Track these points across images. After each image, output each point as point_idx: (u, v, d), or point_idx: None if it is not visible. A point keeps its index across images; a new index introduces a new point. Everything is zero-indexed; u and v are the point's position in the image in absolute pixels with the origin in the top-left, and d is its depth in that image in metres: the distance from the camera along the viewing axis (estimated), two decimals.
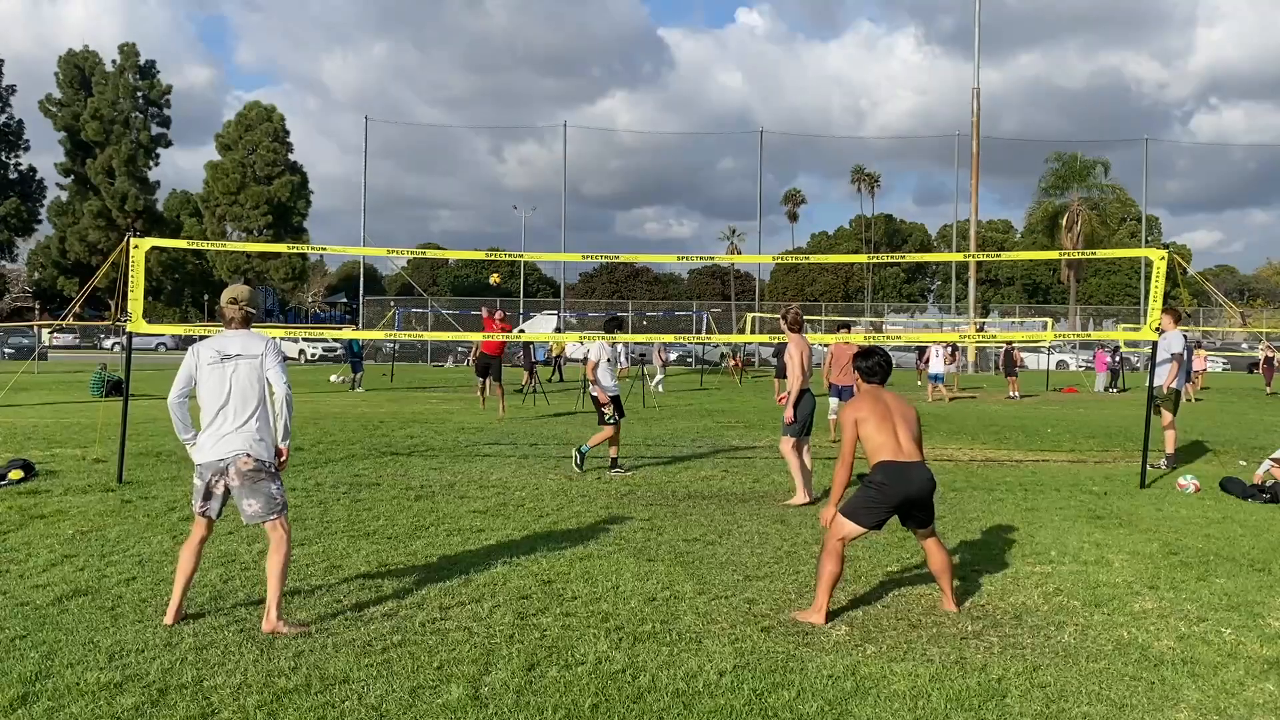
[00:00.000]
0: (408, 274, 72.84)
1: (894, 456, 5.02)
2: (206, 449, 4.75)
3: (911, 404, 5.33)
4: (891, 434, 5.06)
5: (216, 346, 4.80)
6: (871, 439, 5.06)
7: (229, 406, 4.73)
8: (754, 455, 11.92)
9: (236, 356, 4.77)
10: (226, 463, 4.71)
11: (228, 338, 4.86)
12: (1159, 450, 11.16)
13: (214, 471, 4.74)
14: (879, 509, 5.03)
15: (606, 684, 4.10)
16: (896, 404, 5.22)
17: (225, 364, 4.76)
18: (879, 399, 5.21)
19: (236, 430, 4.72)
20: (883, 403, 5.18)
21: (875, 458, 5.06)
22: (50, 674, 4.10)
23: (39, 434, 12.86)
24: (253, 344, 4.83)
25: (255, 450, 4.72)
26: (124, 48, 65.61)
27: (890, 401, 5.21)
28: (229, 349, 4.79)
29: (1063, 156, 57.99)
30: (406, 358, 46.83)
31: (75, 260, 64.24)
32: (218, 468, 4.73)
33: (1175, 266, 10.31)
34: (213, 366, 4.76)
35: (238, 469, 4.70)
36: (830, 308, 63.77)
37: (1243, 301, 70.45)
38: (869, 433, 5.07)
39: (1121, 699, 4.04)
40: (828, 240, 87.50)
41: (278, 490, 4.80)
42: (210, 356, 4.78)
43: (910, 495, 5.01)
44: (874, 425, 5.07)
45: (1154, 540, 7.04)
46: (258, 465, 4.72)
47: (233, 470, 4.71)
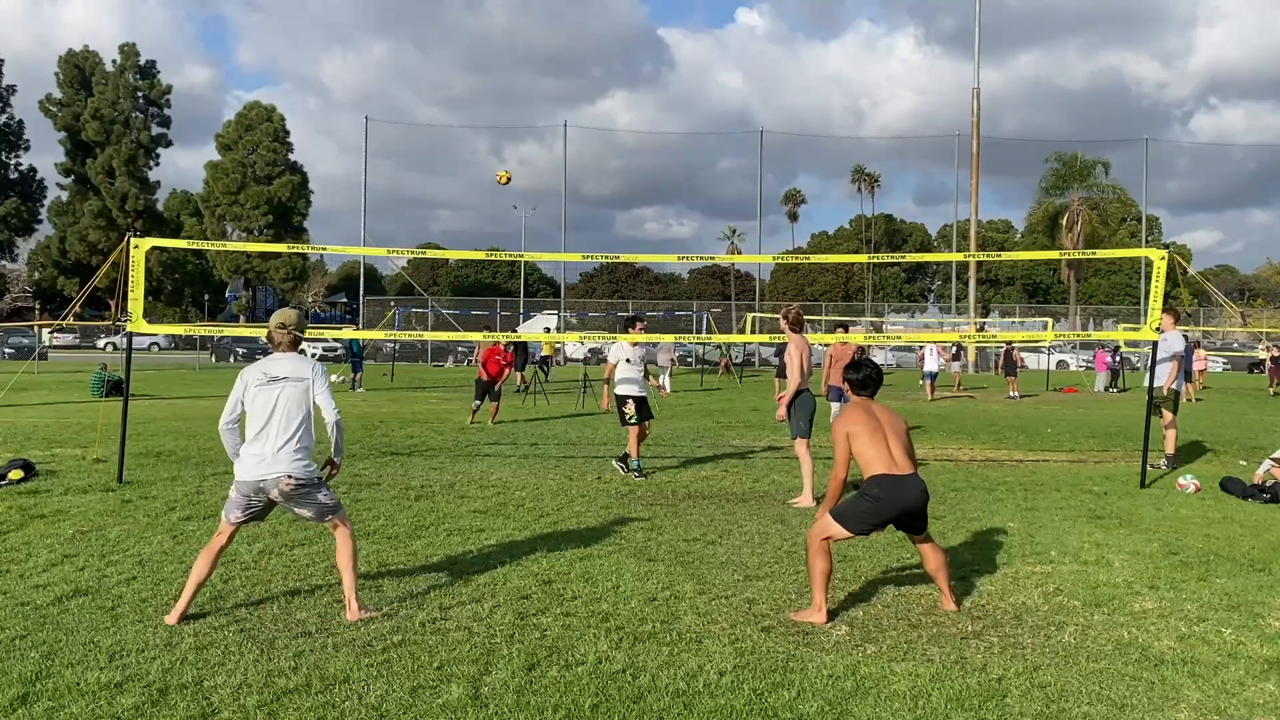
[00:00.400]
0: (408, 274, 72.85)
1: (888, 469, 5.02)
2: (248, 468, 4.88)
3: (900, 414, 5.33)
4: (884, 446, 5.06)
5: (264, 369, 4.96)
6: (864, 453, 5.06)
7: (271, 426, 4.87)
8: (754, 455, 11.92)
9: (284, 379, 4.92)
10: (268, 484, 4.86)
11: (276, 360, 5.01)
12: (1159, 450, 11.16)
13: (254, 490, 4.89)
14: (871, 520, 5.05)
15: (606, 684, 4.10)
16: (886, 416, 5.22)
17: (273, 386, 4.91)
18: (870, 411, 5.21)
19: (276, 453, 4.85)
20: (873, 415, 5.18)
21: (869, 470, 5.06)
22: (50, 674, 4.10)
23: (39, 434, 12.86)
24: (300, 367, 4.98)
25: (295, 470, 4.87)
26: (124, 48, 65.59)
27: (880, 414, 5.21)
28: (277, 371, 4.94)
29: (1063, 156, 58.02)
30: (407, 358, 46.84)
31: (75, 260, 64.22)
32: (258, 487, 4.87)
33: (1175, 266, 10.31)
34: (260, 388, 4.92)
35: (280, 490, 4.86)
36: (830, 308, 63.77)
37: (1243, 301, 70.46)
38: (861, 446, 5.07)
39: (1121, 699, 4.04)
40: (828, 240, 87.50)
41: (325, 496, 4.96)
42: (258, 379, 4.93)
43: (906, 508, 5.03)
44: (866, 439, 5.07)
45: (1154, 540, 7.04)
46: (299, 484, 4.87)
47: (275, 491, 4.86)
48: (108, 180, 63.79)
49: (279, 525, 7.18)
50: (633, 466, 9.99)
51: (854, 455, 5.10)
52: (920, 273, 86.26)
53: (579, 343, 45.08)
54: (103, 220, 63.63)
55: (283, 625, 4.81)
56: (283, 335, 5.04)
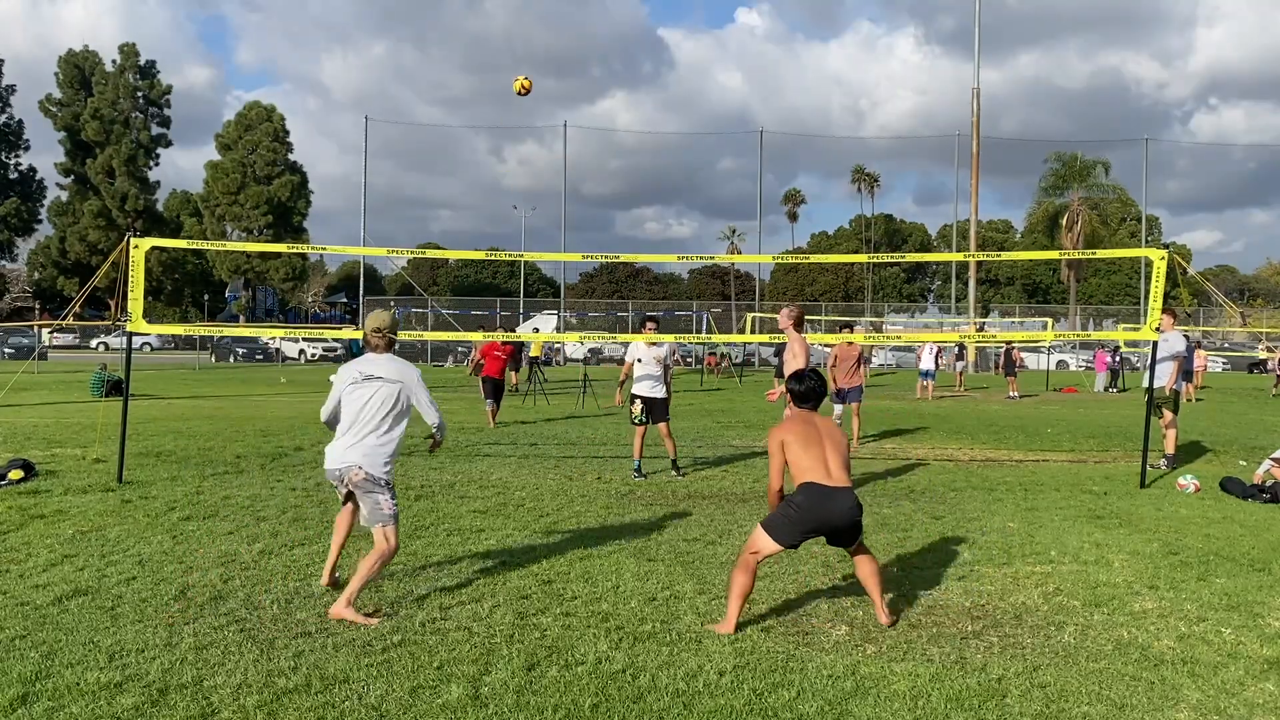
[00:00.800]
0: (408, 274, 72.83)
1: (820, 480, 4.90)
2: (331, 458, 5.19)
3: (842, 431, 5.27)
4: (819, 458, 4.95)
5: (360, 368, 5.21)
6: (798, 462, 4.95)
7: (359, 422, 5.12)
8: (754, 455, 11.92)
9: (379, 379, 5.16)
10: (341, 473, 5.11)
11: (372, 360, 5.25)
12: (1159, 450, 11.16)
13: (334, 479, 5.21)
14: (795, 529, 4.88)
15: (606, 684, 4.10)
16: (827, 428, 5.13)
17: (367, 384, 5.15)
18: (810, 422, 5.14)
19: (356, 444, 5.09)
20: (813, 426, 5.10)
21: (799, 479, 4.95)
22: (50, 674, 4.10)
23: (39, 434, 12.86)
24: (395, 370, 5.21)
25: (367, 464, 5.06)
26: (124, 48, 65.54)
27: (821, 425, 5.13)
28: (372, 371, 5.19)
29: (1063, 156, 57.99)
30: (407, 358, 46.73)
31: (75, 260, 64.17)
32: (335, 476, 5.17)
33: (1175, 266, 10.31)
34: (354, 385, 5.18)
35: (350, 479, 5.10)
36: (830, 308, 63.73)
37: (1243, 301, 70.44)
38: (795, 455, 4.96)
39: (1121, 699, 4.04)
40: (828, 240, 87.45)
41: (386, 501, 5.11)
42: (353, 377, 5.20)
43: (832, 521, 4.88)
44: (800, 448, 4.96)
45: (1154, 540, 7.04)
46: (368, 477, 5.06)
47: (346, 479, 5.12)
48: (108, 180, 63.77)
49: (279, 525, 7.18)
50: (635, 466, 10.00)
51: (788, 464, 5.01)
52: (920, 273, 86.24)
53: (579, 343, 45.08)
54: (103, 220, 63.60)
55: (283, 625, 4.81)
56: (378, 339, 5.26)
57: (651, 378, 10.10)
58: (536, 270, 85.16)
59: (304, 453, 11.44)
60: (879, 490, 9.31)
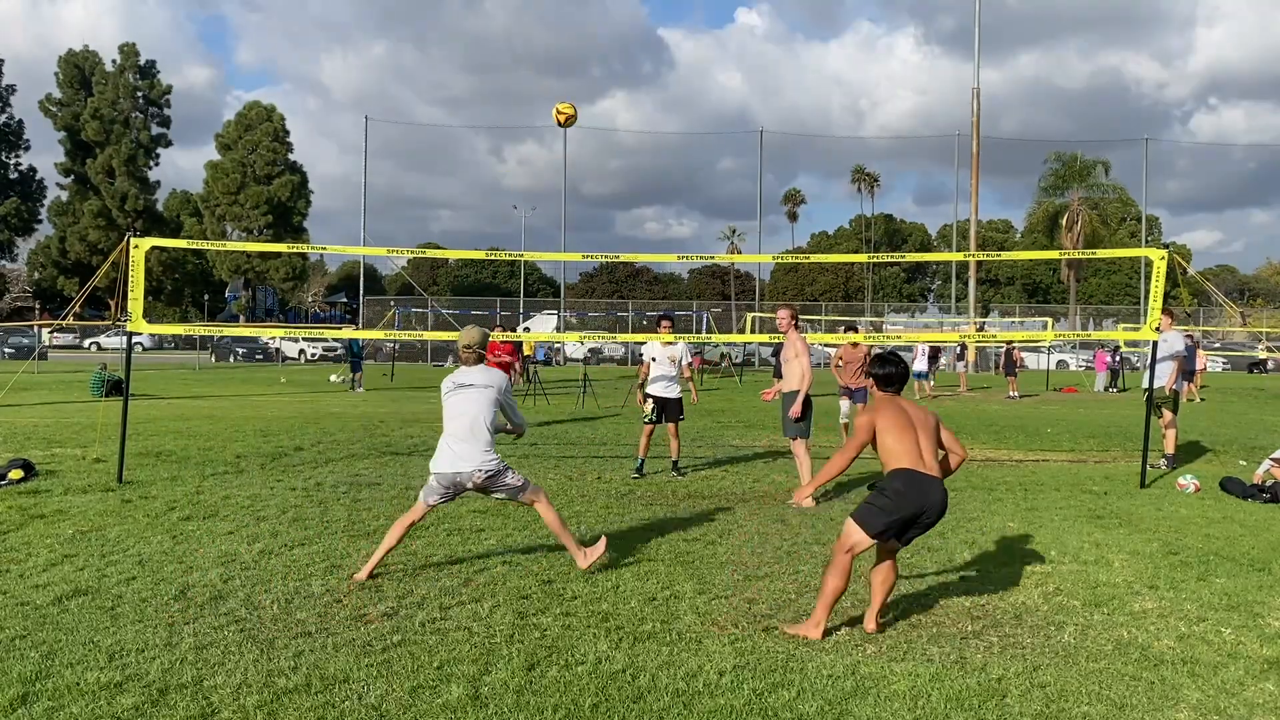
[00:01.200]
0: (408, 274, 72.83)
1: (915, 467, 4.76)
2: (442, 460, 5.69)
3: (932, 413, 5.05)
4: (914, 444, 4.82)
5: (455, 379, 5.86)
6: (891, 448, 4.82)
7: (460, 426, 5.68)
8: (754, 455, 11.92)
9: (470, 385, 5.77)
10: (463, 478, 5.63)
11: (465, 371, 5.87)
12: (1159, 450, 11.16)
13: (450, 481, 5.67)
14: (889, 515, 4.74)
15: (606, 684, 4.10)
16: (918, 414, 4.96)
17: (461, 391, 5.77)
18: (901, 408, 4.96)
19: (467, 450, 5.63)
20: (905, 411, 4.94)
21: (893, 465, 4.81)
22: (50, 674, 4.10)
23: (39, 434, 12.86)
24: (485, 377, 5.83)
25: (484, 464, 5.63)
26: (124, 48, 65.54)
27: (911, 411, 4.96)
28: (465, 380, 5.81)
29: (1063, 156, 58.01)
30: (407, 358, 46.84)
31: (75, 260, 64.16)
32: (452, 479, 5.66)
33: (1175, 266, 10.31)
34: (451, 394, 5.80)
35: (474, 483, 5.66)
36: (830, 308, 63.76)
37: (1243, 301, 70.43)
38: (888, 441, 4.82)
39: (1121, 699, 4.04)
40: (828, 240, 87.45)
41: (512, 478, 5.75)
42: (450, 387, 5.82)
43: (927, 511, 4.75)
44: (894, 434, 4.82)
45: (1154, 540, 7.04)
46: (489, 475, 5.64)
47: (470, 484, 5.66)
48: (108, 180, 63.76)
49: (279, 525, 7.18)
50: (638, 463, 10.02)
51: (878, 450, 4.88)
52: (920, 273, 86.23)
53: (579, 343, 45.09)
54: (103, 220, 63.59)
55: (283, 625, 4.81)
56: (468, 354, 5.89)
57: (666, 378, 10.10)
58: (536, 270, 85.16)
59: (304, 453, 11.44)
60: None
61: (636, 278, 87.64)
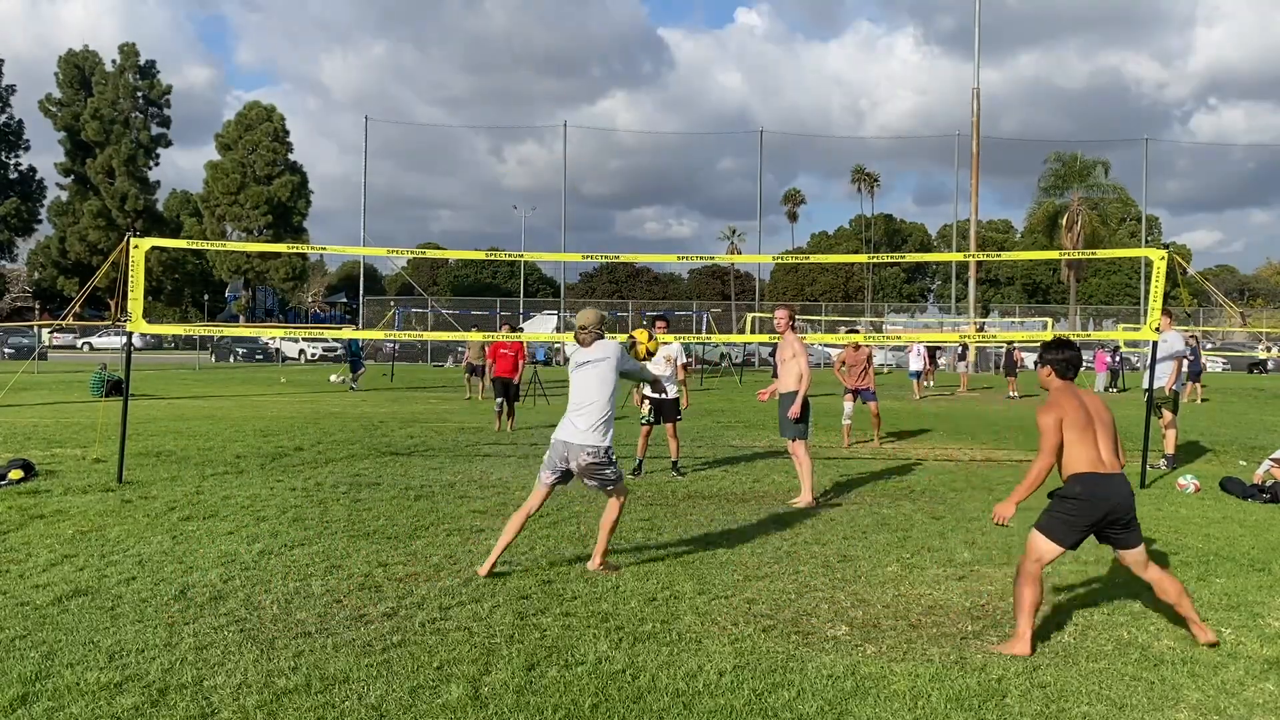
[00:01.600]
0: (408, 274, 72.81)
1: (1094, 468, 4.59)
2: (564, 431, 5.84)
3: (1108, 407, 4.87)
4: (1092, 442, 4.62)
5: (576, 356, 6.02)
6: (1069, 447, 4.60)
7: (580, 402, 5.85)
8: (754, 455, 11.92)
9: (587, 362, 5.91)
10: (572, 450, 5.76)
11: (583, 351, 6.00)
12: (1159, 450, 11.16)
13: (563, 449, 5.80)
14: (1079, 523, 4.57)
15: (606, 684, 4.10)
16: (1095, 406, 4.75)
17: (583, 368, 5.91)
18: (1080, 399, 4.72)
19: (581, 422, 5.78)
20: (1084, 404, 4.71)
21: (1071, 469, 4.62)
22: (50, 674, 4.10)
23: (39, 434, 12.86)
24: (600, 351, 5.95)
25: (592, 442, 5.75)
26: (124, 48, 65.54)
27: (1089, 403, 4.75)
28: (586, 357, 5.95)
29: (1063, 156, 57.97)
30: (407, 358, 46.82)
31: (75, 260, 64.16)
32: (565, 449, 5.79)
33: (1175, 266, 10.31)
34: (574, 371, 5.96)
35: (579, 463, 5.77)
36: (830, 308, 63.75)
37: (1243, 301, 70.43)
38: (1070, 439, 4.60)
39: (1121, 699, 4.04)
40: (828, 240, 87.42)
41: (611, 471, 5.85)
42: (573, 365, 6.00)
43: (1114, 511, 4.59)
44: (1075, 431, 4.60)
45: (1154, 540, 7.04)
46: (593, 461, 5.76)
47: (574, 463, 5.78)
48: (107, 180, 63.77)
49: (279, 525, 7.18)
50: (634, 465, 10.02)
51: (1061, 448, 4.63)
52: (920, 273, 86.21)
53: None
54: (103, 220, 63.59)
55: (283, 625, 4.81)
56: (585, 336, 6.01)
57: (662, 378, 10.10)
58: (536, 270, 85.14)
59: (304, 453, 11.44)
60: (879, 490, 9.31)
61: (636, 278, 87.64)
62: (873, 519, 7.80)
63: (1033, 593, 4.62)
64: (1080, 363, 4.93)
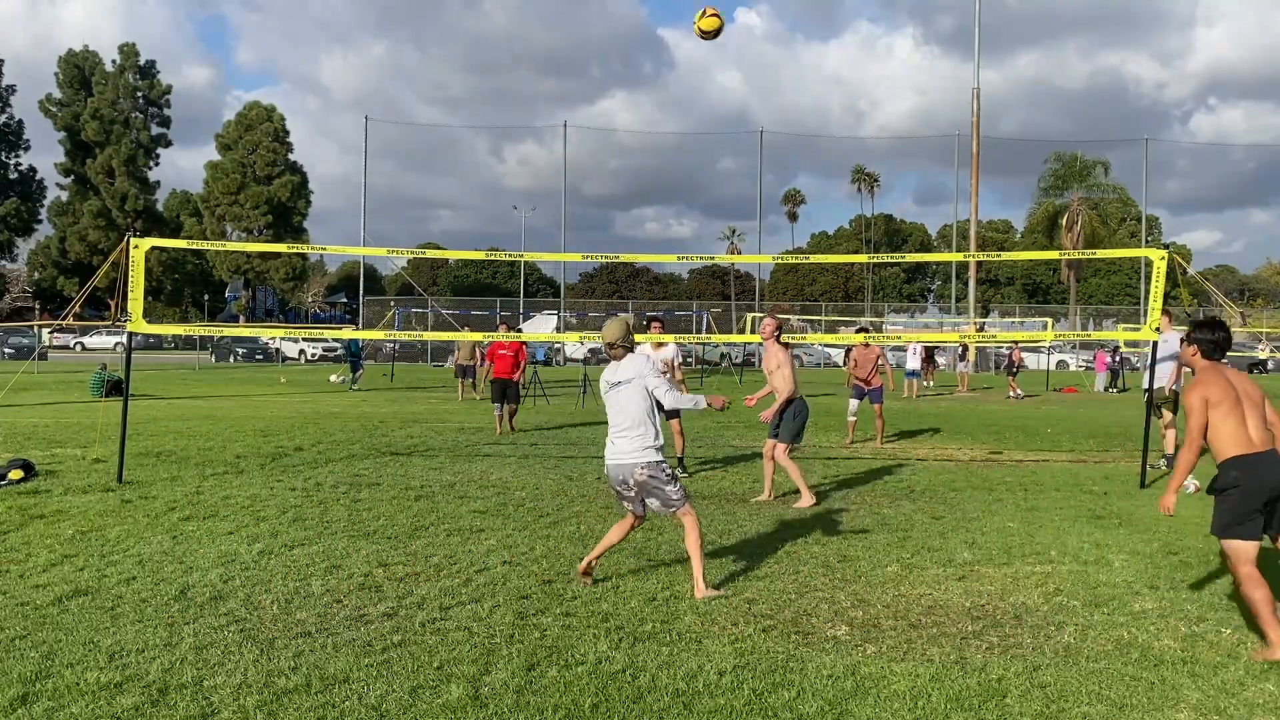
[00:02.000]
0: (408, 274, 72.80)
1: (1243, 450, 4.49)
2: (608, 457, 5.62)
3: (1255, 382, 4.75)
4: (1240, 422, 4.52)
5: (607, 377, 5.71)
6: (1217, 429, 4.51)
7: (618, 424, 5.57)
8: (754, 455, 11.91)
9: (619, 383, 5.60)
10: (624, 472, 5.50)
11: (614, 368, 5.67)
12: (1159, 450, 11.17)
13: (616, 479, 5.59)
14: (1246, 507, 4.46)
15: (606, 684, 4.10)
16: (1242, 385, 4.63)
17: (615, 390, 5.61)
18: (1227, 379, 4.61)
19: (625, 443, 5.50)
20: (1230, 384, 4.61)
21: (1223, 454, 4.54)
22: (50, 674, 4.10)
23: (39, 434, 12.86)
24: (633, 367, 5.59)
25: (644, 458, 5.46)
26: (124, 48, 65.51)
27: (1236, 382, 4.63)
28: (615, 377, 5.65)
29: (1063, 156, 58.01)
30: (406, 358, 46.82)
31: (75, 260, 64.12)
32: (618, 476, 5.55)
33: (1175, 266, 10.31)
34: (607, 394, 5.66)
35: (635, 479, 5.49)
36: (830, 308, 63.75)
37: (1243, 301, 70.41)
38: (1216, 420, 4.52)
39: (1121, 699, 4.04)
40: (828, 240, 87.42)
41: (673, 490, 5.52)
42: (604, 387, 5.71)
43: (1276, 486, 4.46)
44: (1222, 411, 4.51)
45: (1154, 540, 7.04)
46: (650, 474, 5.47)
47: (631, 480, 5.51)
48: (107, 180, 63.75)
49: (279, 525, 7.19)
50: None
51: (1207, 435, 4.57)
52: (920, 273, 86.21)
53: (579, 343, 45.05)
54: (103, 220, 63.56)
55: (283, 625, 4.81)
56: (613, 351, 5.67)
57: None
58: (536, 270, 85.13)
59: (304, 453, 11.44)
60: (879, 490, 9.31)
61: (636, 278, 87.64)
62: (873, 519, 7.80)
63: (1261, 593, 4.50)
64: (1229, 344, 4.84)
